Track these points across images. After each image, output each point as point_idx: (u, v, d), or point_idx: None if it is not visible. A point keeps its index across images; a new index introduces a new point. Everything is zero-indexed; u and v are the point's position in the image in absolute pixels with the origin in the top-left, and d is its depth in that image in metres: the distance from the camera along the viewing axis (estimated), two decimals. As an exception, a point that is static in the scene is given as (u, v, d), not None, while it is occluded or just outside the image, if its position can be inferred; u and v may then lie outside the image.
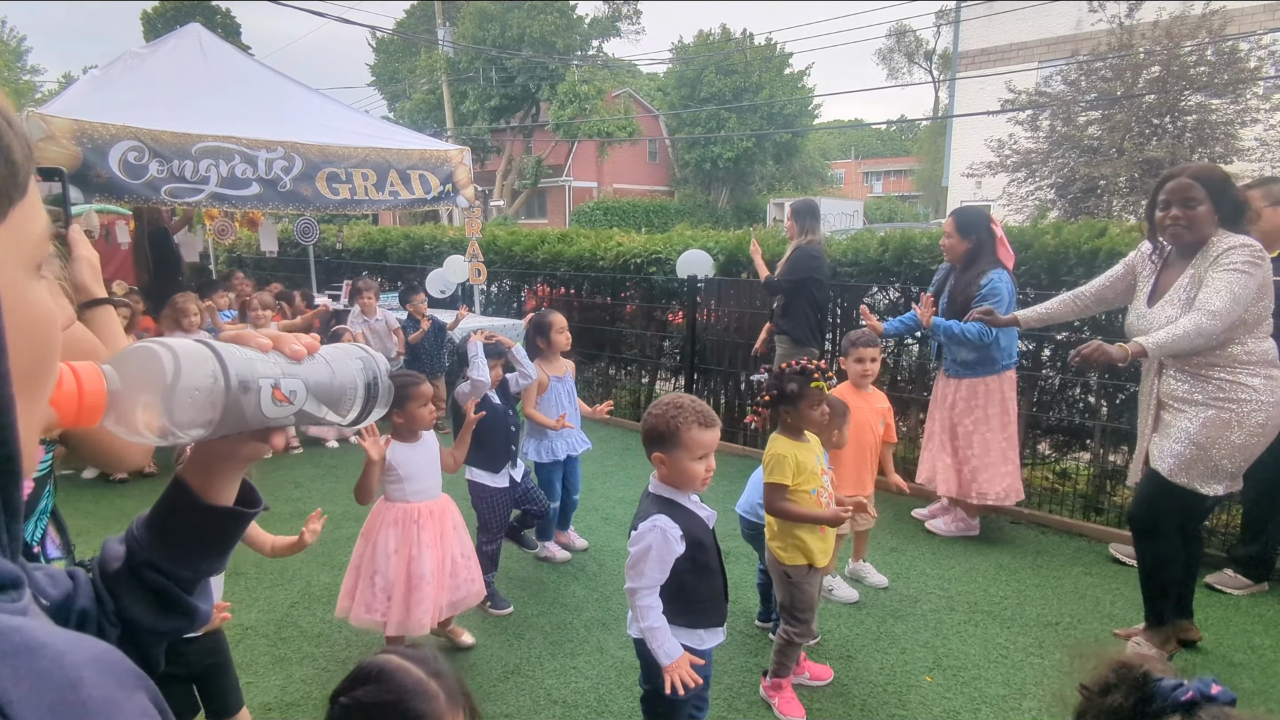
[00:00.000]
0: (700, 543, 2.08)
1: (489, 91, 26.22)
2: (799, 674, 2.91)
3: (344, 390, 0.80)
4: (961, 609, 3.50)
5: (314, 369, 0.79)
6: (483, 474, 3.58)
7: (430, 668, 1.23)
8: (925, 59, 42.30)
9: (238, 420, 0.72)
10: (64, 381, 0.64)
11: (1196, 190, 2.78)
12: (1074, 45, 16.58)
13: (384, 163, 6.55)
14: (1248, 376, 2.79)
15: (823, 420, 2.71)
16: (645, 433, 2.12)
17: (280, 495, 5.02)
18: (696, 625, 2.13)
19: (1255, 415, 2.77)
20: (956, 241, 4.12)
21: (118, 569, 0.77)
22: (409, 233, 10.16)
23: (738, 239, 6.41)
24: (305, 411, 0.77)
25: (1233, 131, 13.27)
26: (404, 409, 2.89)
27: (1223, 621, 3.37)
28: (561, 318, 4.03)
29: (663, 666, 2.01)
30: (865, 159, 53.08)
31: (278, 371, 0.75)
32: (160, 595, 0.77)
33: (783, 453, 2.65)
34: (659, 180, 36.58)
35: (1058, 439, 5.14)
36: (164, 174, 5.40)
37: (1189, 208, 2.81)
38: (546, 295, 7.96)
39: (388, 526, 2.89)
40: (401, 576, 2.86)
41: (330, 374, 0.80)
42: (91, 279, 1.27)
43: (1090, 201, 14.05)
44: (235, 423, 0.72)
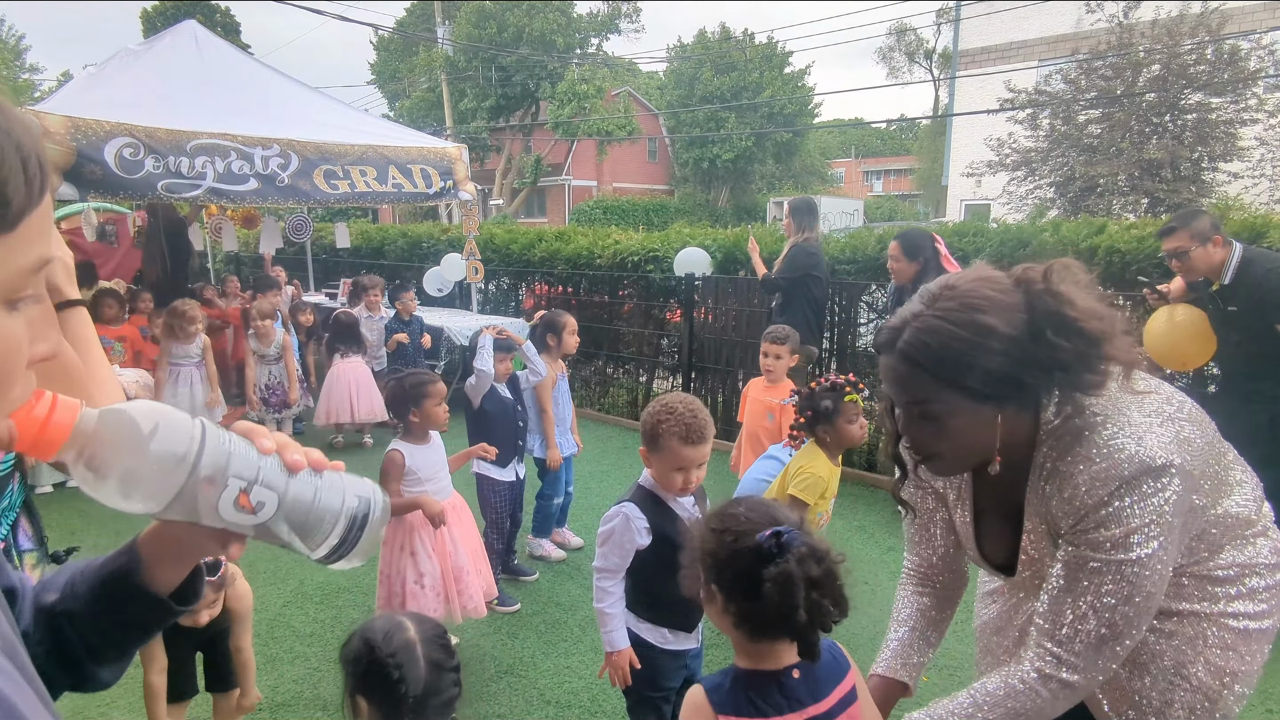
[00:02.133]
0: (669, 540, 1.97)
1: (488, 90, 26.21)
2: None
3: (321, 520, 0.75)
4: (959, 608, 3.47)
5: (299, 487, 0.75)
6: (490, 468, 3.59)
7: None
8: (925, 58, 42.26)
9: (189, 510, 0.70)
10: (37, 406, 0.63)
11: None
12: (1074, 44, 16.54)
13: (383, 159, 6.53)
14: None
15: (862, 435, 2.68)
16: (641, 426, 2.10)
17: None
18: (660, 623, 2.11)
19: None
20: (905, 265, 4.27)
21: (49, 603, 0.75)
22: (406, 230, 10.15)
23: (735, 237, 6.39)
24: (268, 528, 0.73)
25: (1233, 131, 13.25)
26: (421, 407, 2.87)
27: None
28: (573, 320, 4.04)
29: (609, 651, 2.02)
30: (865, 158, 53.06)
31: (255, 477, 0.72)
32: (61, 650, 0.75)
33: (822, 475, 2.64)
34: (659, 179, 36.56)
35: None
36: (160, 170, 5.38)
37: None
38: (544, 294, 7.95)
39: (420, 529, 2.87)
40: (447, 571, 2.88)
41: (314, 497, 0.75)
42: (64, 279, 1.23)
43: (1090, 200, 14.03)
44: (187, 512, 0.70)
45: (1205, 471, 1.29)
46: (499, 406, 3.54)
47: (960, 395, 1.21)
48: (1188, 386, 4.30)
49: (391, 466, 2.81)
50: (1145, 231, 4.33)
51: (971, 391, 1.20)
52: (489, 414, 3.51)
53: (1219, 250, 3.38)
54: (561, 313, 4.14)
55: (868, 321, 5.73)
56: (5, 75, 29.14)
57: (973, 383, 1.19)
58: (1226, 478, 1.35)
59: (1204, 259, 3.39)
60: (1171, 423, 1.26)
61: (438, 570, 2.83)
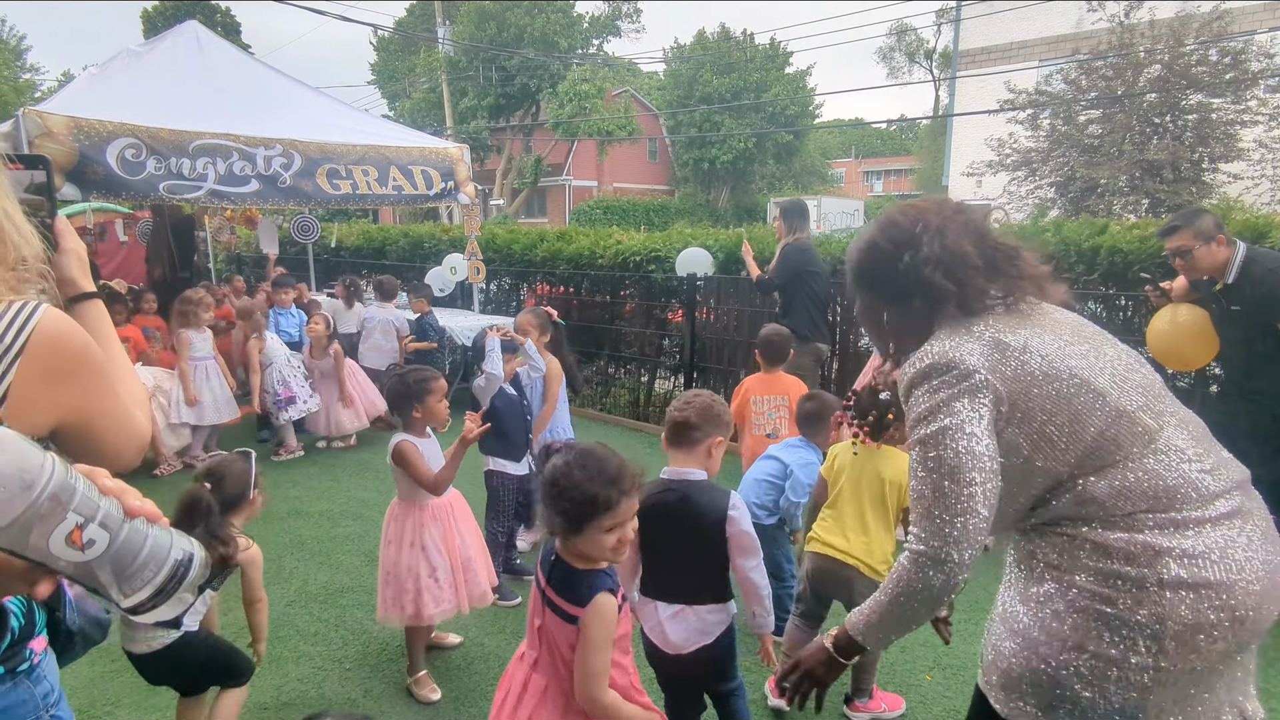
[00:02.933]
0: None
1: (488, 90, 26.21)
2: (874, 709, 2.77)
3: (145, 566, 0.76)
4: (961, 607, 3.47)
5: (133, 532, 0.75)
6: (505, 463, 3.63)
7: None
8: (926, 58, 42.26)
9: (19, 538, 0.69)
10: None
11: None
12: (1074, 44, 16.54)
13: (384, 159, 6.54)
14: None
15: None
16: (709, 414, 2.18)
17: (278, 494, 4.99)
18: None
19: None
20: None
21: None
22: (408, 231, 10.16)
23: (737, 237, 6.40)
24: (89, 568, 0.73)
25: (1233, 132, 13.25)
26: (424, 403, 2.87)
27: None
28: (543, 315, 4.01)
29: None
30: (866, 158, 53.06)
31: (93, 515, 0.73)
32: None
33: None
34: (659, 179, 36.57)
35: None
36: (161, 171, 5.39)
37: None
38: (546, 293, 7.96)
39: (428, 524, 2.86)
40: (456, 565, 2.88)
41: (143, 543, 0.76)
42: (79, 272, 1.23)
43: (1090, 201, 14.03)
44: (17, 540, 0.70)
45: (1030, 396, 1.38)
46: (507, 403, 3.57)
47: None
48: (1190, 387, 4.30)
49: (409, 452, 2.80)
50: (1147, 232, 4.33)
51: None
52: (499, 411, 3.53)
53: (1222, 249, 3.38)
54: (533, 310, 4.13)
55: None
56: (6, 75, 29.11)
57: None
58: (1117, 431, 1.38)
59: (1208, 258, 3.39)
60: (999, 347, 1.41)
61: (449, 564, 2.84)
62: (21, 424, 0.90)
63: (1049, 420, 1.37)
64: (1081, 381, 1.37)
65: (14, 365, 0.89)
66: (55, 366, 0.92)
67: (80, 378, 0.97)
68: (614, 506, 1.64)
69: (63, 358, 0.94)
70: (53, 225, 1.22)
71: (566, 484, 1.64)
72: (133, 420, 1.07)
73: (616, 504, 1.64)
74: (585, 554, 1.69)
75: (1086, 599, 1.35)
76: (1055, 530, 1.43)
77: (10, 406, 0.89)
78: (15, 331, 0.89)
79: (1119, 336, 3.07)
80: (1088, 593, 1.35)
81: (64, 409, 0.96)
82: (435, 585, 2.80)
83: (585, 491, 1.62)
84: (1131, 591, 1.31)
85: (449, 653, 3.17)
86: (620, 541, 1.67)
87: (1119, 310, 4.58)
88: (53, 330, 0.93)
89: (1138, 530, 1.33)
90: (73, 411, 0.97)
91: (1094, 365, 1.41)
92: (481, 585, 2.97)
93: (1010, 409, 1.38)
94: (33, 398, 0.91)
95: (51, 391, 0.93)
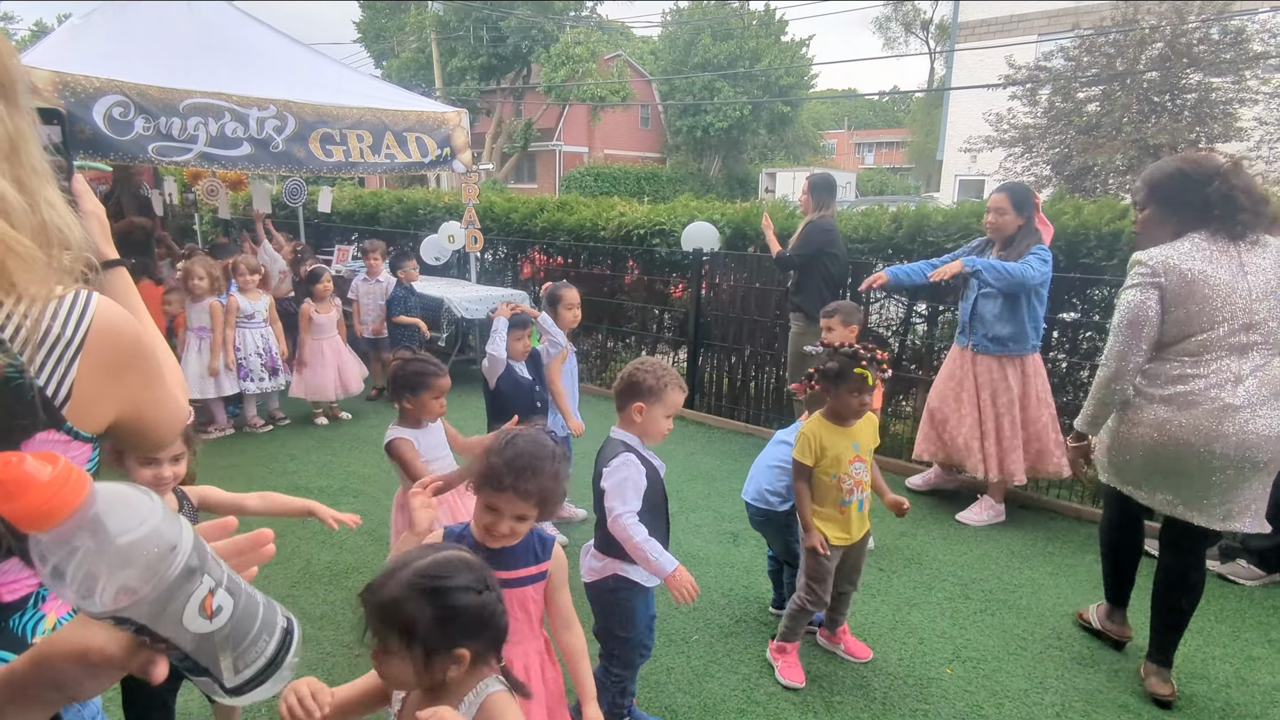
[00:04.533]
0: (652, 484, 2.29)
1: (479, 51, 25.58)
2: (835, 643, 2.98)
3: (259, 635, 0.68)
4: (977, 597, 3.45)
5: (249, 594, 0.69)
6: None
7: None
8: (922, 29, 41.75)
9: (156, 611, 0.61)
10: (51, 469, 0.56)
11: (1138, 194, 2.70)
12: (1075, 18, 16.33)
13: (379, 124, 6.31)
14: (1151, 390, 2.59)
15: (861, 410, 2.66)
16: (630, 385, 2.30)
17: (275, 469, 4.89)
18: (635, 561, 2.28)
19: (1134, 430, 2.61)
20: (1012, 218, 4.00)
21: None
22: (402, 196, 9.91)
23: (744, 211, 6.26)
24: (211, 642, 0.65)
25: (1231, 111, 13.19)
26: (418, 398, 2.76)
27: (1237, 614, 3.35)
28: (575, 294, 3.88)
29: (667, 575, 2.14)
30: (858, 130, 52.65)
31: (221, 579, 0.65)
32: None
33: (809, 432, 2.70)
34: (651, 147, 36.11)
35: (1065, 423, 5.09)
36: (150, 131, 5.16)
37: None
38: (543, 264, 7.80)
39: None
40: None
41: (257, 611, 0.69)
42: (101, 237, 1.15)
43: (1087, 180, 13.98)
44: (152, 613, 0.61)
45: (1180, 296, 2.45)
46: (515, 387, 3.45)
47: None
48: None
49: (405, 450, 2.71)
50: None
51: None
52: (505, 394, 3.43)
53: None
54: (563, 285, 3.97)
55: (878, 300, 5.65)
56: (-24, 23, 28.09)
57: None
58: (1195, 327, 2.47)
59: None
60: (1176, 252, 2.47)
61: None
62: (85, 421, 0.86)
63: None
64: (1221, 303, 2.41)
65: (75, 361, 0.84)
66: (114, 359, 0.88)
67: (136, 368, 0.92)
68: (497, 489, 1.66)
69: (119, 349, 0.88)
70: (70, 186, 1.11)
71: (497, 445, 1.75)
72: (177, 403, 1.02)
73: (500, 489, 1.66)
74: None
75: None
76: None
77: (74, 405, 0.85)
78: (74, 326, 0.83)
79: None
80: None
81: (122, 402, 0.91)
82: None
83: (491, 461, 1.71)
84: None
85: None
86: (488, 529, 1.70)
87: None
88: (109, 321, 0.87)
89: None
90: (129, 403, 0.92)
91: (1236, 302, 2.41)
92: None
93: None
94: (96, 394, 0.86)
95: (112, 386, 0.88)
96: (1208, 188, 2.43)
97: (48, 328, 0.81)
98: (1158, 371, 2.55)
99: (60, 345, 0.82)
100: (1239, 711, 2.69)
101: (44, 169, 0.86)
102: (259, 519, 3.79)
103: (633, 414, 2.28)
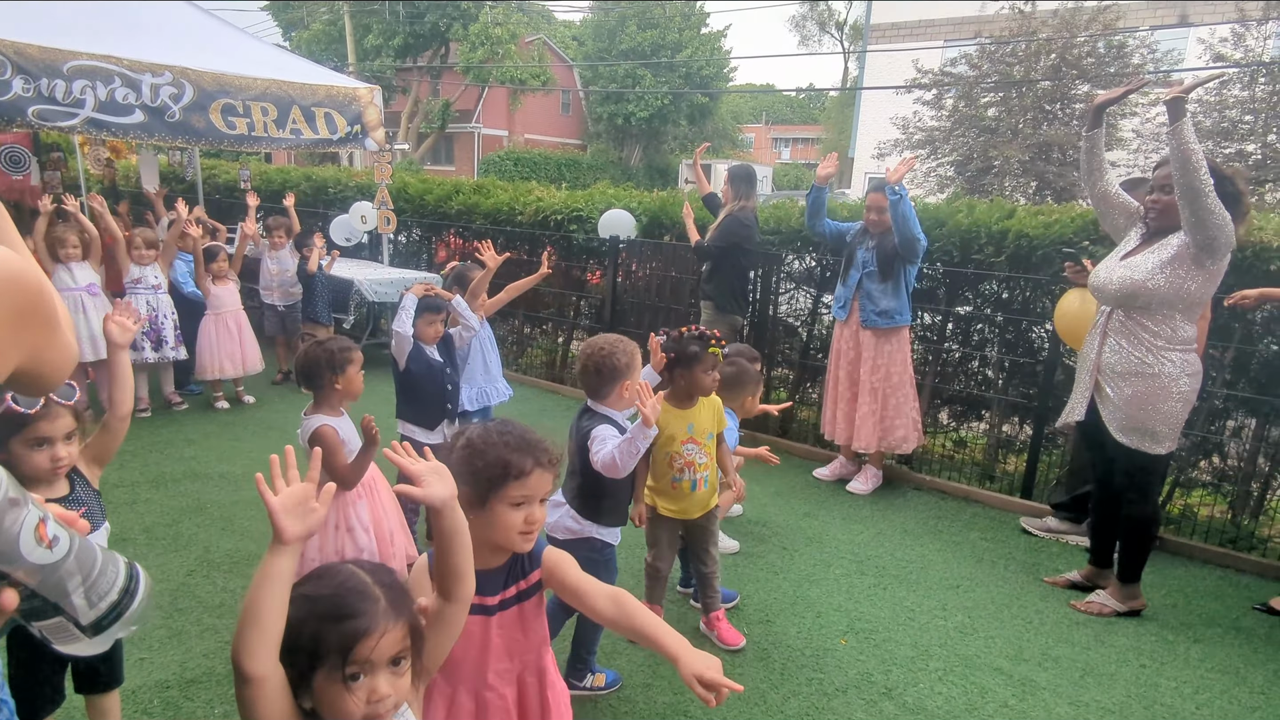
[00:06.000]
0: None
1: (395, 27, 24.79)
2: (709, 629, 3.09)
3: (105, 569, 0.71)
4: (871, 573, 3.65)
5: (85, 539, 0.71)
6: (415, 429, 3.44)
7: (379, 577, 1.22)
8: (836, 29, 42.89)
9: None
10: None
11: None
12: (978, 27, 17.18)
13: (286, 97, 6.08)
14: (1171, 354, 3.10)
15: (712, 386, 2.84)
16: (609, 370, 2.47)
17: (172, 454, 4.67)
18: (613, 524, 2.59)
19: (1175, 386, 3.10)
20: (889, 217, 4.36)
21: None
22: (310, 174, 9.54)
23: (661, 200, 6.34)
24: (62, 572, 0.67)
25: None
26: (344, 373, 2.71)
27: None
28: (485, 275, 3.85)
29: (651, 428, 2.31)
30: (775, 125, 53.73)
31: (46, 515, 0.68)
32: None
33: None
34: (571, 133, 35.87)
35: (956, 409, 5.41)
36: (30, 93, 4.82)
37: (1166, 194, 3.06)
38: (459, 248, 7.68)
39: (354, 503, 2.72)
40: (383, 538, 2.78)
41: (95, 549, 0.72)
42: None
43: (986, 180, 14.76)
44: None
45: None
46: (425, 368, 3.40)
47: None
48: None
49: (331, 440, 2.64)
50: (1051, 218, 4.57)
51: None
52: (414, 375, 3.38)
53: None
54: (472, 267, 3.96)
55: (787, 291, 5.84)
56: None
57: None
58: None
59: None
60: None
61: (374, 544, 2.72)
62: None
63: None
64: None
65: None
66: (20, 307, 0.86)
67: (39, 313, 0.90)
68: (525, 475, 1.50)
69: (26, 296, 0.87)
70: None
71: (482, 445, 1.52)
72: (70, 346, 1.00)
73: (528, 473, 1.51)
74: (487, 538, 1.53)
75: None
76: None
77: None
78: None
79: (1018, 317, 3.60)
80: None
81: (27, 348, 0.89)
82: None
83: (498, 455, 1.50)
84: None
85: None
86: (528, 521, 1.52)
87: (1019, 291, 4.84)
88: (13, 270, 0.84)
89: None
90: (32, 348, 0.91)
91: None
92: (401, 560, 2.86)
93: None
94: (4, 342, 0.84)
95: (18, 333, 0.86)
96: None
97: None
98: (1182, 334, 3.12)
99: None
100: (1097, 670, 2.95)
101: None
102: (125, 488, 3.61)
103: (620, 393, 2.50)
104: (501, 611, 1.58)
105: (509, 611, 1.59)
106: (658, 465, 2.87)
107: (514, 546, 1.55)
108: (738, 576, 3.54)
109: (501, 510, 1.50)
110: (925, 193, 15.14)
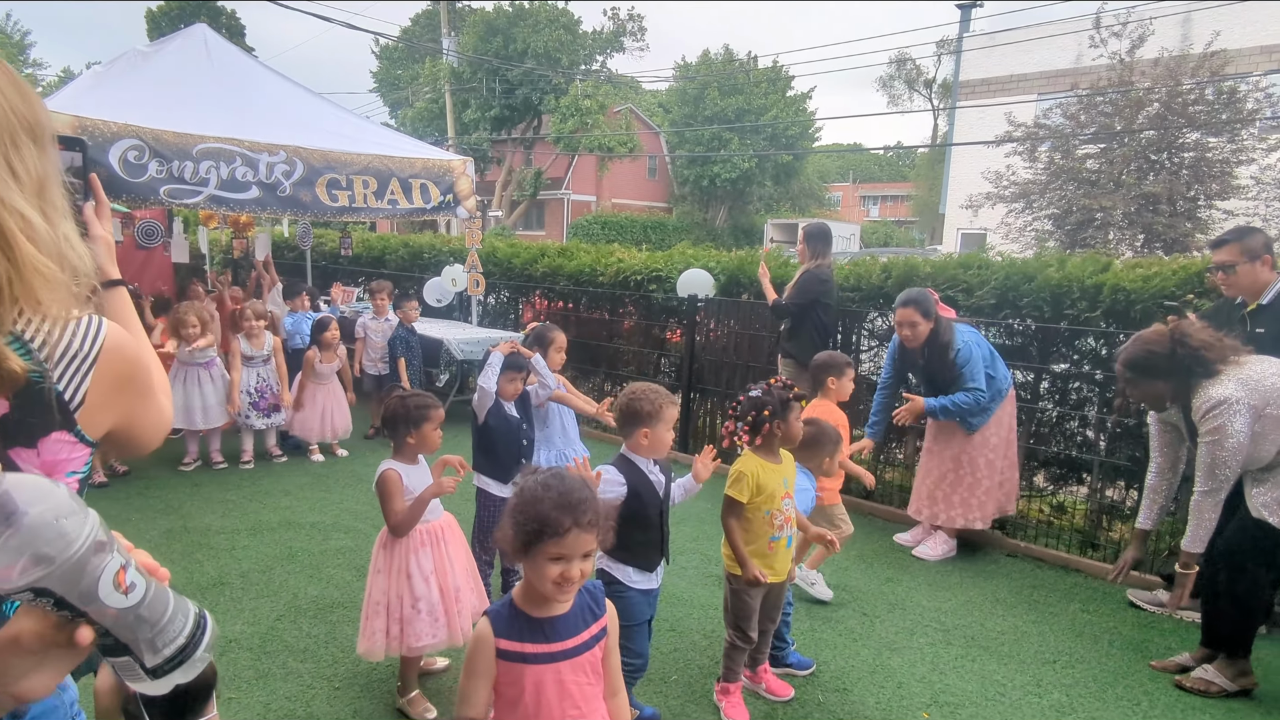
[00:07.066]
0: (639, 493, 2.54)
1: (491, 102, 26.27)
2: (756, 683, 3.00)
3: (175, 616, 0.75)
4: (958, 643, 3.45)
5: (158, 586, 0.75)
6: (491, 483, 3.55)
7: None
8: (925, 87, 42.70)
9: (69, 581, 0.67)
10: None
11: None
12: (1073, 79, 16.71)
13: (386, 170, 6.52)
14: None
15: (800, 431, 2.83)
16: (631, 414, 2.55)
17: (269, 504, 4.93)
18: (625, 562, 2.58)
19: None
20: (924, 326, 4.19)
21: None
22: (408, 240, 10.13)
23: (739, 259, 6.39)
24: (134, 617, 0.72)
25: (1229, 170, 13.41)
26: (419, 429, 2.83)
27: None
28: (563, 337, 3.97)
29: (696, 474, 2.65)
30: (863, 183, 53.42)
31: (129, 561, 0.72)
32: None
33: (744, 470, 2.74)
34: (657, 196, 36.71)
35: (1054, 472, 5.11)
36: (163, 174, 5.35)
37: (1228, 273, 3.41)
38: (544, 309, 7.93)
39: (416, 551, 2.80)
40: (447, 592, 2.82)
41: (170, 595, 0.76)
42: (107, 259, 1.28)
43: (1087, 233, 14.14)
44: (65, 583, 0.67)
45: (1268, 401, 2.88)
46: (503, 423, 3.50)
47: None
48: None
49: (391, 483, 2.77)
50: (1150, 270, 4.34)
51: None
52: (492, 429, 3.48)
53: (1266, 271, 3.39)
54: (552, 327, 4.05)
55: (869, 349, 5.72)
56: (7, 69, 29.00)
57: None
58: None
59: (1249, 276, 3.39)
60: (1239, 380, 2.90)
61: (434, 594, 2.77)
62: (90, 427, 1.01)
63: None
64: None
65: (89, 373, 0.99)
66: (119, 374, 1.03)
67: (136, 381, 1.08)
68: (561, 535, 1.54)
69: (124, 365, 1.04)
70: (82, 211, 1.25)
71: (529, 497, 1.58)
72: (164, 411, 1.17)
73: (565, 533, 1.54)
74: (530, 589, 1.62)
75: None
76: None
77: (84, 412, 0.99)
78: (90, 343, 0.99)
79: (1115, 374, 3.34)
80: None
81: (121, 412, 1.06)
82: (416, 616, 2.73)
83: (539, 511, 1.55)
84: None
85: (439, 676, 3.12)
86: (563, 577, 1.54)
87: (1118, 346, 4.58)
88: (117, 341, 1.03)
89: None
90: (126, 413, 1.08)
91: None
92: (467, 623, 2.85)
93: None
94: (101, 404, 1.01)
95: (115, 397, 1.03)
96: (1175, 355, 2.97)
97: (68, 343, 0.96)
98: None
99: (78, 359, 0.98)
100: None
101: (64, 206, 1.00)
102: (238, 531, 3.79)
103: (640, 439, 2.54)
104: (576, 656, 1.64)
105: (583, 656, 1.65)
106: (755, 525, 2.73)
107: (549, 597, 1.60)
108: (814, 641, 3.41)
109: (540, 562, 1.56)
110: (1021, 247, 14.62)
